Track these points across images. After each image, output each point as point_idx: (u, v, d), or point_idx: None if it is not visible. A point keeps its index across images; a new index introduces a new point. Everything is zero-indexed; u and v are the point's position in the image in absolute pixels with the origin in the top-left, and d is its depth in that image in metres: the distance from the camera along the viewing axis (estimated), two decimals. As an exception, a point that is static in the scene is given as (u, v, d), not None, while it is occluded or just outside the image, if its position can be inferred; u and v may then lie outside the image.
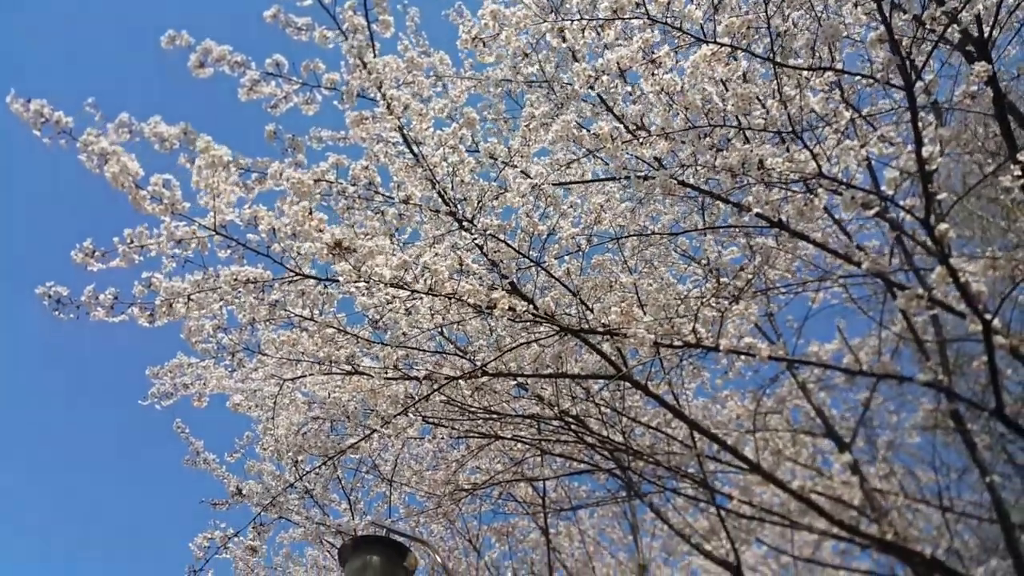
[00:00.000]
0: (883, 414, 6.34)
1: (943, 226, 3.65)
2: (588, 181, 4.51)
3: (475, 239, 3.94)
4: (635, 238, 4.87)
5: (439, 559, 5.51)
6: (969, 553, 6.07)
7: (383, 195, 3.86)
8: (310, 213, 3.03)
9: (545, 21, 3.65)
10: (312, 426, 4.91)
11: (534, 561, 7.29)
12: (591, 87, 3.66)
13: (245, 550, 4.16)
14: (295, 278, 3.40)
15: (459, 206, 3.91)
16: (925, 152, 3.29)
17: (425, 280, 3.31)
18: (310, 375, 4.59)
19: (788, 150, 3.68)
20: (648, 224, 4.91)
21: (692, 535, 6.11)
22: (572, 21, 3.67)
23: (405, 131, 3.58)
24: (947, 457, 6.55)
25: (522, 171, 4.02)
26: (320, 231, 3.00)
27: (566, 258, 4.46)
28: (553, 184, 4.11)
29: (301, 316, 4.03)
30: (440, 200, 3.82)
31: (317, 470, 4.42)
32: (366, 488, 6.09)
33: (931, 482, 5.94)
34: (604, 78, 3.60)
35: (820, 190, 3.68)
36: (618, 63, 3.47)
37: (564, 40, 3.77)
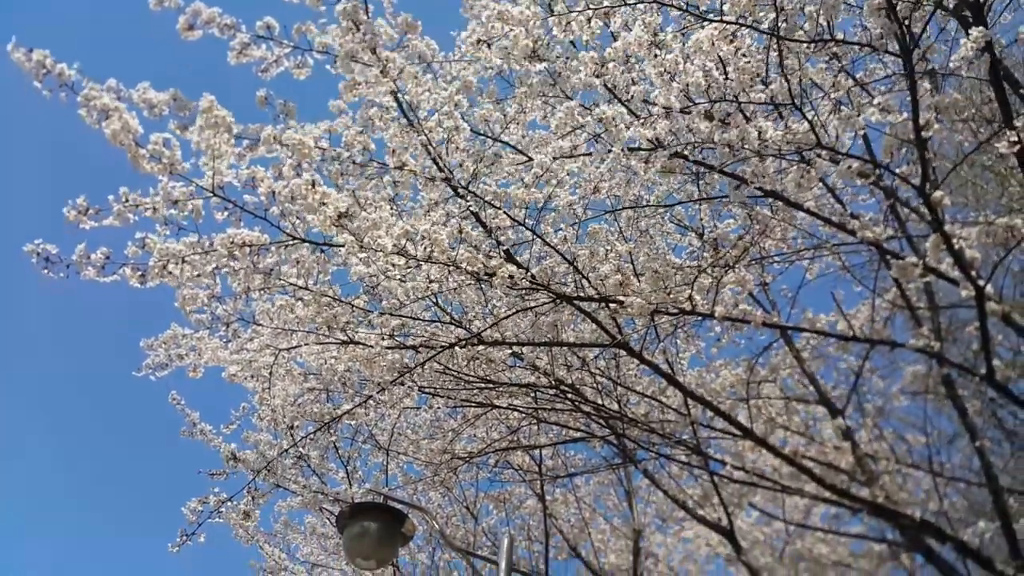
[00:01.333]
0: (874, 382, 6.39)
1: (938, 193, 3.66)
2: (587, 154, 4.48)
3: (470, 207, 3.93)
4: (631, 208, 4.87)
5: (436, 525, 5.57)
6: (957, 516, 6.16)
7: (378, 163, 3.84)
8: (313, 186, 3.01)
9: (552, 15, 3.56)
10: (308, 396, 4.93)
11: (531, 527, 7.38)
12: (597, 76, 3.60)
13: (239, 515, 4.19)
14: (292, 242, 3.39)
15: (454, 173, 3.89)
16: (922, 119, 3.29)
17: (425, 248, 3.31)
18: (306, 345, 4.60)
19: (787, 124, 3.67)
20: (644, 195, 4.91)
21: (686, 501, 6.18)
22: (579, 12, 3.57)
23: (399, 96, 3.55)
24: (938, 422, 6.64)
25: (519, 150, 4.00)
26: (324, 203, 2.98)
27: (562, 227, 4.45)
28: (552, 158, 4.09)
29: (296, 285, 4.02)
30: (435, 167, 3.80)
31: (313, 436, 4.44)
32: (363, 457, 6.14)
33: (921, 446, 6.01)
34: (610, 65, 3.54)
35: (817, 160, 3.68)
36: (624, 50, 3.43)
37: (571, 33, 3.67)
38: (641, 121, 3.30)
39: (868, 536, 6.42)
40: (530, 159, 3.74)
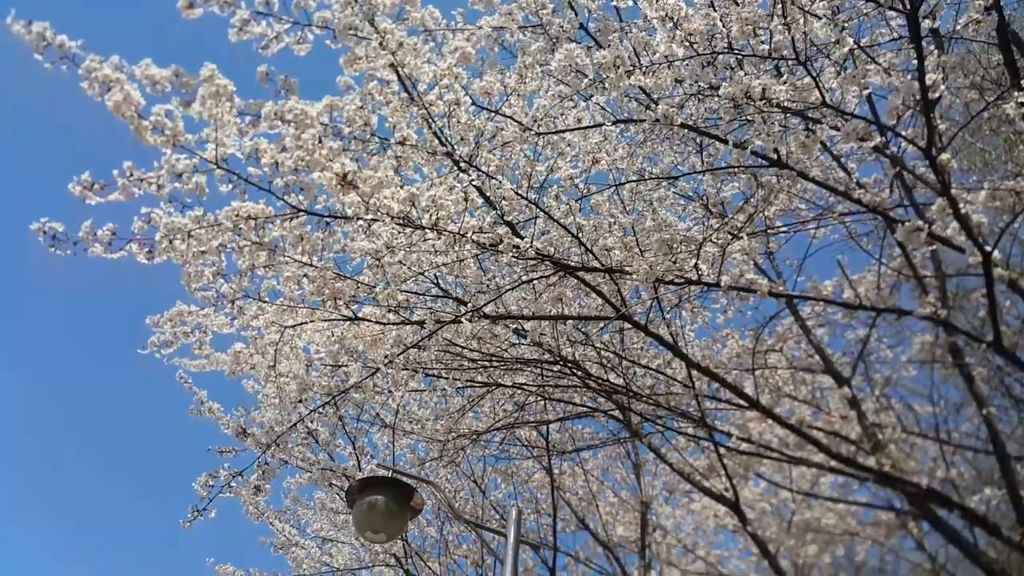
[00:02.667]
0: (881, 351, 6.38)
1: (944, 156, 3.62)
2: (585, 127, 4.44)
3: (472, 180, 3.91)
4: (634, 181, 4.84)
5: (445, 498, 5.60)
6: (964, 484, 6.17)
7: (379, 137, 3.81)
8: (320, 141, 3.00)
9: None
10: (315, 379, 4.94)
11: (539, 500, 7.42)
12: (584, 27, 3.56)
13: (250, 490, 4.22)
14: (297, 215, 3.38)
15: (456, 147, 3.86)
16: (927, 80, 3.25)
17: (430, 216, 3.29)
18: (311, 322, 4.60)
19: (792, 83, 3.63)
20: (647, 167, 4.88)
21: (692, 474, 6.20)
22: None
23: (399, 68, 3.52)
24: (945, 391, 6.64)
25: (515, 119, 3.97)
26: (331, 160, 2.96)
27: (565, 199, 4.43)
28: (550, 132, 4.06)
29: (301, 261, 4.02)
30: (436, 141, 3.78)
31: (320, 409, 4.46)
32: (371, 436, 6.17)
33: (928, 415, 6.01)
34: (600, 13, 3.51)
35: (820, 123, 3.65)
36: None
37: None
38: (643, 70, 3.26)
39: (875, 505, 6.44)
40: (530, 129, 3.71)
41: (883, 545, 7.34)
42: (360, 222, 3.74)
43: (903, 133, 3.64)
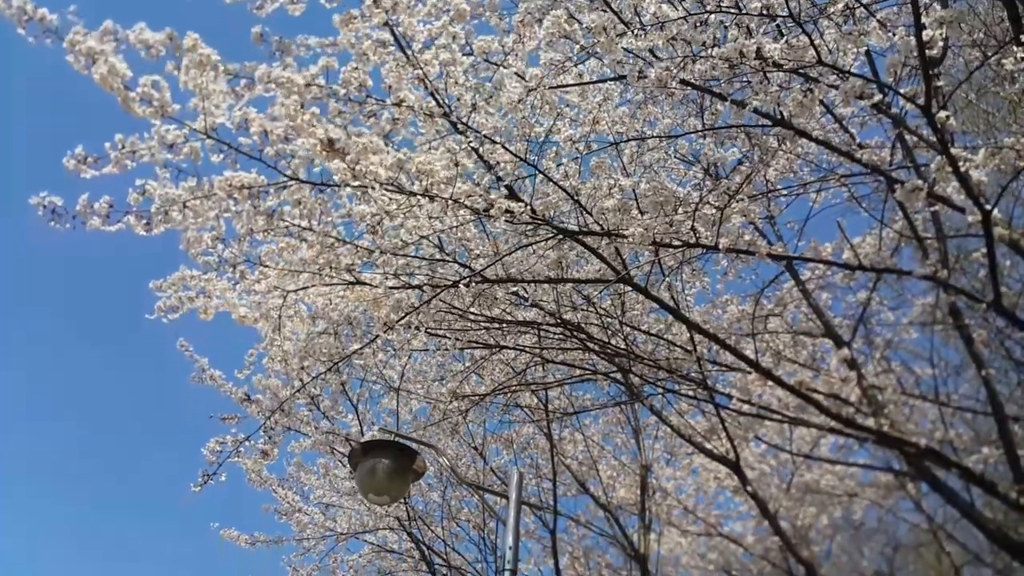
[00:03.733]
0: (882, 314, 6.39)
1: (943, 113, 3.60)
2: (583, 83, 4.42)
3: (470, 142, 3.90)
4: (634, 143, 4.82)
5: (446, 462, 5.66)
6: (963, 445, 6.21)
7: (375, 99, 3.79)
8: (301, 107, 2.99)
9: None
10: (319, 341, 4.96)
11: (540, 465, 7.49)
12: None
13: (258, 454, 4.27)
14: (289, 183, 3.38)
15: (453, 108, 3.84)
16: (926, 35, 3.22)
17: (421, 182, 3.29)
18: (312, 286, 4.62)
19: (787, 42, 3.60)
20: (646, 129, 4.85)
21: (693, 435, 6.25)
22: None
23: (394, 28, 3.50)
24: (945, 354, 6.65)
25: (516, 73, 3.94)
26: (313, 126, 2.96)
27: (564, 161, 4.42)
28: (549, 88, 4.04)
29: (299, 226, 4.02)
30: (433, 102, 3.76)
31: (323, 375, 4.49)
32: (373, 400, 6.22)
33: (928, 377, 6.03)
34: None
35: (819, 82, 3.62)
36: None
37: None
38: (635, 33, 3.23)
39: (874, 466, 6.49)
40: (531, 88, 3.69)
41: (881, 506, 7.42)
42: (356, 188, 3.74)
43: (903, 92, 3.61)
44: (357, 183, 3.26)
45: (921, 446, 4.83)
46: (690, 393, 5.84)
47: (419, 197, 3.58)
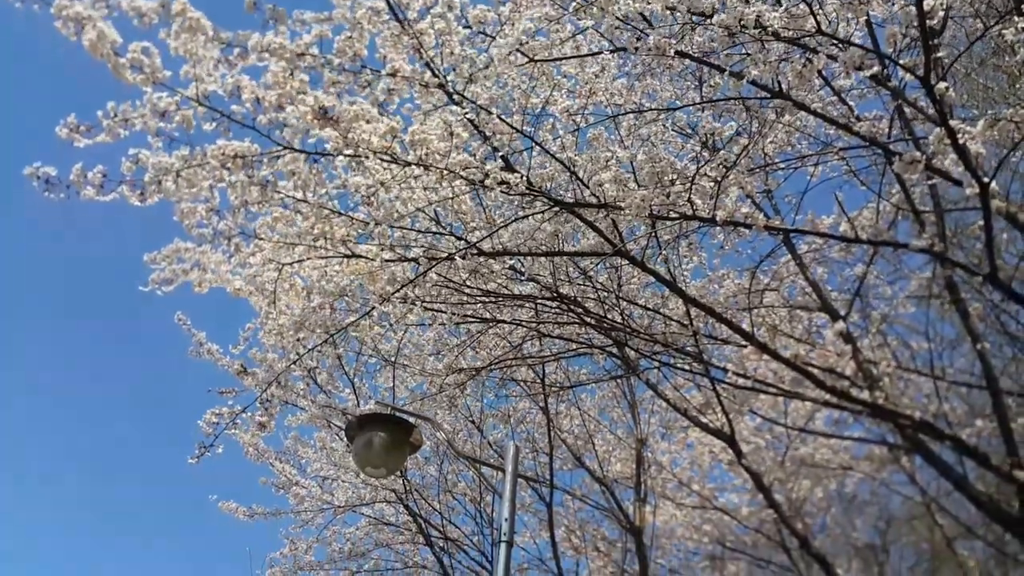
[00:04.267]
0: (878, 288, 6.39)
1: (942, 84, 3.57)
2: (580, 56, 4.37)
3: (466, 113, 3.86)
4: (631, 115, 4.79)
5: (443, 436, 5.68)
6: (957, 419, 6.25)
7: (370, 70, 3.75)
8: (291, 74, 2.95)
9: None
10: (314, 316, 4.95)
11: (536, 440, 7.52)
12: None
13: (255, 426, 4.28)
14: (283, 152, 3.35)
15: (449, 79, 3.81)
16: (927, 5, 3.18)
17: (416, 151, 3.26)
18: (308, 259, 4.60)
19: (787, 11, 3.57)
20: (645, 101, 4.82)
21: (689, 409, 6.28)
22: None
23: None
24: (941, 328, 6.67)
25: (513, 43, 3.90)
26: (303, 92, 2.93)
27: (561, 133, 4.39)
28: (544, 61, 4.00)
29: (294, 197, 4.00)
30: (429, 73, 3.72)
31: (319, 348, 4.49)
32: (369, 374, 6.23)
33: (923, 352, 6.05)
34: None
35: (818, 52, 3.59)
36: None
37: None
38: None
39: (868, 439, 6.53)
40: (529, 59, 3.65)
41: (875, 479, 7.48)
42: (352, 158, 3.71)
43: (902, 62, 3.58)
44: (350, 151, 3.23)
45: (916, 418, 4.85)
46: (686, 367, 5.85)
47: (414, 168, 3.55)
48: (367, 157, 3.34)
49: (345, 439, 5.25)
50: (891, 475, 7.51)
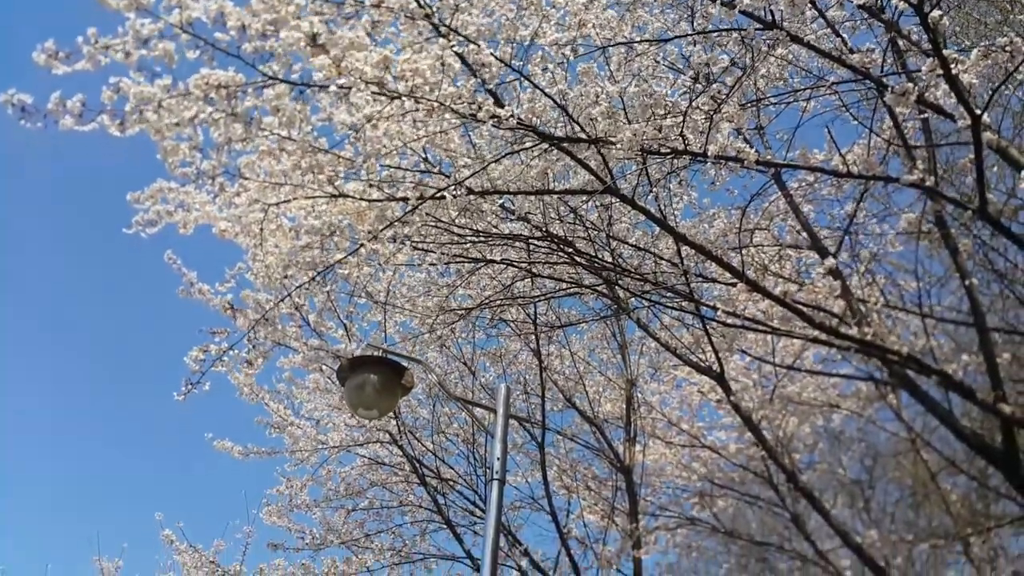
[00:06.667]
0: (868, 228, 6.39)
1: (936, 12, 3.52)
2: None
3: (453, 46, 3.78)
4: (622, 49, 4.70)
5: (435, 377, 5.71)
6: (944, 356, 6.31)
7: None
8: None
9: None
10: (302, 255, 4.92)
11: (527, 381, 7.58)
12: None
13: (242, 365, 4.28)
14: (268, 82, 3.28)
15: (435, 9, 3.72)
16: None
17: (407, 82, 3.19)
18: (294, 199, 4.55)
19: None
20: (635, 34, 4.73)
21: (678, 347, 6.32)
22: None
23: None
24: (929, 267, 6.70)
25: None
26: (297, 18, 2.85)
27: (551, 67, 4.31)
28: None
29: (279, 134, 3.93)
30: (414, 2, 3.63)
31: (308, 285, 4.47)
32: (360, 315, 6.22)
33: (912, 291, 6.09)
34: None
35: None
36: None
37: None
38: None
39: (855, 376, 6.61)
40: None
41: (861, 416, 7.59)
42: (338, 91, 3.63)
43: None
44: (342, 80, 3.16)
45: (903, 353, 4.90)
46: (676, 306, 5.87)
47: (404, 101, 3.49)
48: (358, 88, 3.27)
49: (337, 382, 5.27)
50: (877, 412, 7.63)
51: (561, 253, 5.41)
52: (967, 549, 7.82)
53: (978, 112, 3.86)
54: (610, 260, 5.54)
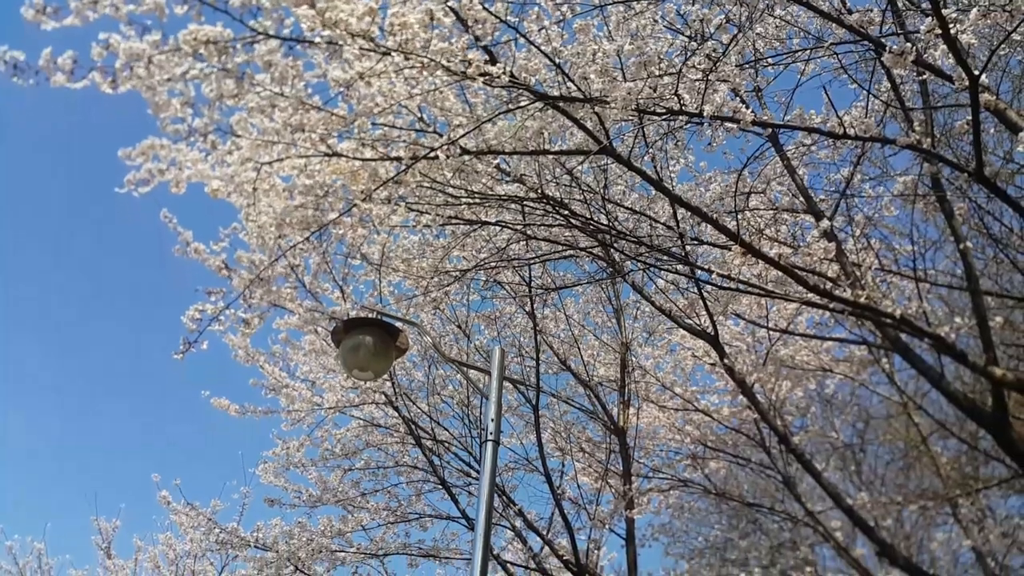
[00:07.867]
0: (864, 191, 6.36)
1: (938, -31, 3.47)
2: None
3: (447, 1, 3.73)
4: (620, 7, 4.64)
5: (429, 339, 5.72)
6: (937, 321, 6.33)
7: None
8: None
9: None
10: (296, 214, 4.89)
11: (522, 344, 7.61)
12: None
13: (238, 325, 4.28)
14: (258, 38, 3.24)
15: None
16: None
17: (395, 37, 3.15)
18: (287, 158, 4.51)
19: None
20: (634, -8, 4.66)
21: (673, 310, 6.33)
22: None
23: None
24: (924, 230, 6.70)
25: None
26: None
27: (546, 24, 4.25)
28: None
29: (271, 91, 3.89)
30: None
31: (302, 244, 4.46)
32: (355, 276, 6.22)
33: (907, 254, 6.09)
34: None
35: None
36: None
37: None
38: None
39: (848, 339, 6.63)
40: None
41: (854, 380, 7.65)
42: (330, 47, 3.59)
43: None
44: (327, 33, 3.12)
45: (897, 316, 4.91)
46: (671, 268, 5.87)
47: (393, 56, 3.45)
48: (345, 42, 3.23)
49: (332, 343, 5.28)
50: (870, 376, 7.68)
51: (556, 215, 5.39)
52: (956, 510, 7.93)
53: (976, 73, 3.82)
54: (606, 223, 5.53)
